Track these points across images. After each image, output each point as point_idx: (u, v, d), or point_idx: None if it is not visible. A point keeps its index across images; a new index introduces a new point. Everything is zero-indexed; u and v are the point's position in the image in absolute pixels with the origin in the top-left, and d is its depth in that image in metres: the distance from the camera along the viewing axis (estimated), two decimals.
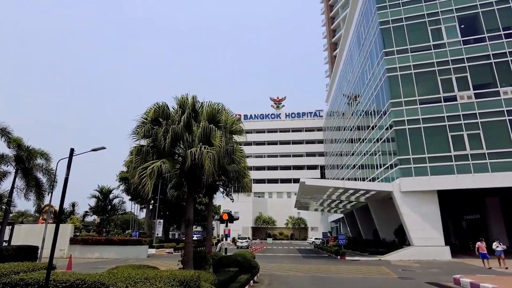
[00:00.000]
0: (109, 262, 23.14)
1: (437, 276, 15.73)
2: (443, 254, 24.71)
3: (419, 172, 26.70)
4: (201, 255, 10.40)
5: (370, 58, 35.71)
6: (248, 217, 78.14)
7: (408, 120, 28.12)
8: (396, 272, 17.38)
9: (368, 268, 19.42)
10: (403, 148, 27.56)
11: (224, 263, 12.36)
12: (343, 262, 23.33)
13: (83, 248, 27.40)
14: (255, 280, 13.51)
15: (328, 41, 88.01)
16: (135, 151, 9.19)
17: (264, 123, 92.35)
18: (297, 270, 18.01)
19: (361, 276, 15.77)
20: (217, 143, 8.76)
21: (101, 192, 38.84)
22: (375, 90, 33.95)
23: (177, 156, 10.09)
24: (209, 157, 8.36)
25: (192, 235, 9.79)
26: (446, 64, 28.61)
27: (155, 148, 9.40)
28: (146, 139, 9.43)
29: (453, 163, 26.05)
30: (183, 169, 9.22)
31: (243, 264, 12.40)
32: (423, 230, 25.48)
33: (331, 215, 67.75)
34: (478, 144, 25.90)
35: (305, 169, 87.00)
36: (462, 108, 27.07)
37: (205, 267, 10.65)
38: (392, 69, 30.01)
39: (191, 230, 9.69)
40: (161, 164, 8.44)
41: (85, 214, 41.15)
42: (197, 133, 9.08)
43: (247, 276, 11.82)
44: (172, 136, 8.81)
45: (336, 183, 33.00)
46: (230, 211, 16.60)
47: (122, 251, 27.67)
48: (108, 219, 40.21)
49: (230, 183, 11.91)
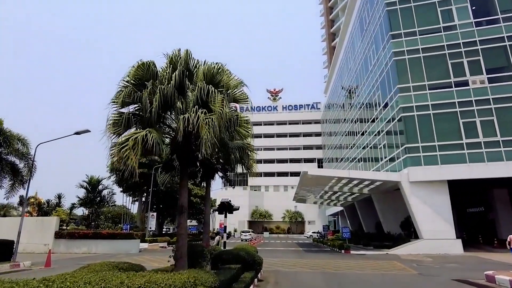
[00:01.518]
0: (96, 258, 21.36)
1: (459, 272, 14.14)
2: (454, 248, 23.24)
3: (428, 161, 25.12)
4: (197, 250, 8.60)
5: (375, 42, 33.91)
6: (244, 210, 76.55)
7: (417, 107, 26.47)
8: (411, 267, 15.78)
9: (379, 263, 17.82)
10: (412, 136, 25.93)
11: (225, 258, 10.59)
12: (349, 257, 21.74)
13: (69, 242, 25.48)
14: (259, 278, 11.78)
15: (327, 31, 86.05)
16: (113, 121, 7.29)
17: (261, 116, 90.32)
18: (303, 266, 16.33)
19: (377, 272, 14.13)
20: (218, 109, 6.91)
21: (90, 182, 36.54)
22: (379, 77, 32.23)
23: (169, 130, 8.22)
24: (207, 124, 6.52)
25: (186, 226, 7.98)
26: (457, 47, 26.93)
27: (139, 116, 7.53)
28: (128, 106, 7.56)
29: (465, 152, 24.50)
30: (176, 143, 7.38)
31: (246, 260, 10.65)
32: (433, 222, 23.97)
33: (329, 208, 66.38)
34: (492, 131, 24.37)
35: (302, 162, 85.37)
36: (474, 93, 25.48)
37: (201, 264, 8.86)
38: (400, 52, 28.27)
39: (185, 220, 7.88)
40: (147, 134, 6.58)
41: (72, 206, 38.82)
42: (192, 97, 7.22)
43: (251, 274, 10.06)
44: (160, 99, 6.92)
45: (340, 172, 31.30)
46: (229, 200, 14.78)
47: (112, 246, 25.86)
48: (97, 212, 37.99)
49: (231, 166, 10.09)
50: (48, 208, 35.94)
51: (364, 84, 37.95)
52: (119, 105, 7.59)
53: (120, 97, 7.36)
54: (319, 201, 50.49)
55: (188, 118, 6.70)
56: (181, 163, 7.95)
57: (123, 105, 7.57)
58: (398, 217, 29.80)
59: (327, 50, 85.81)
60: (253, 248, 13.16)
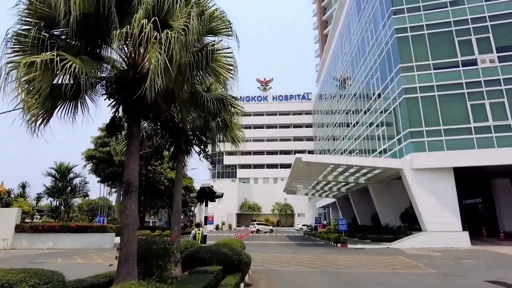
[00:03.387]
0: (61, 254, 18.62)
1: (484, 270, 11.97)
2: (461, 241, 21.23)
3: (433, 147, 22.99)
4: (157, 248, 5.97)
5: (374, 21, 31.51)
6: (233, 203, 74.21)
7: (421, 88, 24.24)
8: (424, 264, 13.53)
9: (384, 259, 15.55)
10: (415, 119, 23.73)
11: (201, 258, 8.02)
12: (348, 252, 19.48)
13: (32, 237, 22.50)
14: (246, 282, 9.25)
15: (319, 19, 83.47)
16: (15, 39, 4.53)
17: (250, 106, 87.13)
18: (299, 264, 13.89)
19: (388, 271, 11.78)
20: (181, 25, 4.26)
21: (58, 170, 33.03)
22: (378, 58, 29.89)
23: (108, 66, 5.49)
24: (159, 44, 3.89)
25: (136, 213, 5.33)
26: (465, 23, 24.73)
27: (55, 38, 4.80)
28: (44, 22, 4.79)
29: (473, 136, 22.44)
30: (117, 82, 4.72)
31: (230, 258, 8.10)
32: (437, 213, 21.88)
33: (319, 200, 64.45)
34: (502, 115, 22.35)
35: (292, 154, 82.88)
36: (483, 73, 23.38)
37: (165, 268, 6.26)
38: (402, 29, 25.92)
39: (135, 203, 5.25)
40: (59, 59, 3.89)
41: (38, 196, 35.11)
42: (141, 10, 4.51)
43: (235, 278, 7.50)
44: (83, 5, 4.22)
45: (337, 159, 28.92)
46: (212, 185, 12.13)
47: (82, 240, 23.03)
48: (68, 203, 34.52)
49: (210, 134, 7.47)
50: (9, 199, 32.57)
51: (360, 67, 35.60)
52: (31, 16, 4.79)
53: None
54: (311, 192, 48.33)
55: (129, 33, 4.02)
56: (127, 114, 5.31)
57: (35, 17, 4.77)
58: (397, 209, 27.77)
59: (319, 38, 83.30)
60: (239, 243, 10.61)
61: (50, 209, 37.15)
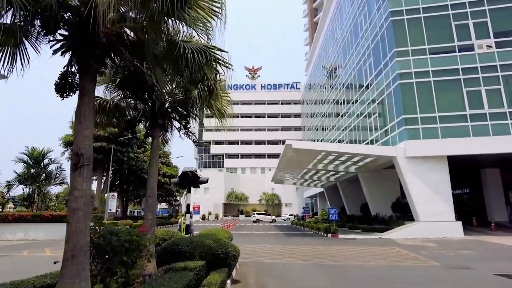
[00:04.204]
0: (31, 245, 17.16)
1: (485, 261, 11.22)
2: (455, 231, 20.70)
3: (428, 134, 22.22)
4: (122, 240, 4.69)
5: (367, 5, 30.34)
6: (220, 193, 72.97)
7: (416, 73, 23.35)
8: (422, 255, 12.74)
9: (379, 250, 14.72)
10: (410, 105, 22.87)
11: (181, 251, 6.81)
12: (339, 242, 18.63)
13: (1, 227, 20.80)
14: (233, 278, 8.10)
15: (309, 6, 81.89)
16: None
17: (239, 94, 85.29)
18: (291, 255, 12.86)
19: (386, 264, 10.85)
20: None
21: (31, 155, 30.79)
22: (372, 42, 28.83)
23: None
24: None
25: (88, 194, 4.04)
26: (462, 7, 23.83)
27: None
28: None
29: (468, 124, 21.77)
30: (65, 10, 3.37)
31: (215, 252, 6.92)
32: (431, 202, 21.23)
33: (307, 190, 63.97)
34: (498, 102, 21.70)
35: (280, 144, 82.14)
36: (480, 59, 22.63)
37: (132, 265, 5.00)
38: (397, 12, 24.85)
39: (86, 181, 3.96)
40: None
41: (8, 184, 32.62)
42: None
43: (221, 275, 6.33)
44: None
45: (329, 146, 27.93)
46: (195, 169, 10.85)
47: (56, 230, 21.36)
48: (42, 191, 32.36)
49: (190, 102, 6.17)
50: None
51: (352, 54, 34.52)
52: None
53: None
54: (299, 182, 47.51)
55: None
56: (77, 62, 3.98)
57: None
58: (388, 198, 27.15)
59: (309, 26, 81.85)
60: (225, 234, 9.43)
61: (22, 198, 34.92)
